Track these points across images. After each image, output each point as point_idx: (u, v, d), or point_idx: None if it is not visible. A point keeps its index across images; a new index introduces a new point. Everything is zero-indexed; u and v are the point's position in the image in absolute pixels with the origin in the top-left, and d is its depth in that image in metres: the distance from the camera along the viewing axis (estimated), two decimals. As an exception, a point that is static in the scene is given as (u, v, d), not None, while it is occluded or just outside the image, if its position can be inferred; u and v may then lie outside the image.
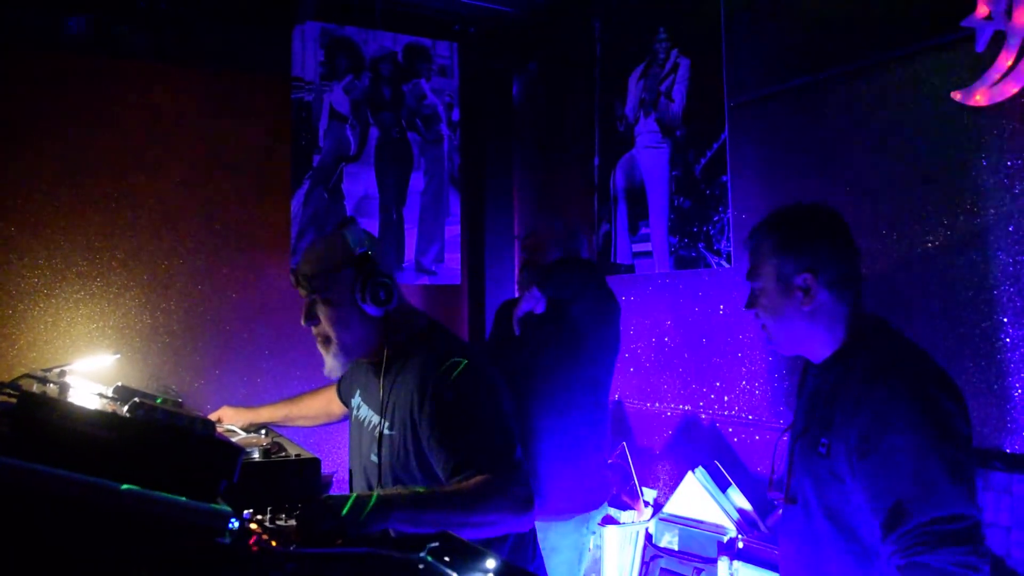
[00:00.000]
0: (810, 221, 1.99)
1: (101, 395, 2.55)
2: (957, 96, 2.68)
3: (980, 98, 2.64)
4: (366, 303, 2.13)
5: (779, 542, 2.15)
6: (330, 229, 2.26)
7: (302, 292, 2.18)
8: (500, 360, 2.49)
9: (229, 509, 1.42)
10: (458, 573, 1.27)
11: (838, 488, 1.83)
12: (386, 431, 2.18)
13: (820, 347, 1.97)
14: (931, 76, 2.87)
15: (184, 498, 1.38)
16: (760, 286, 2.00)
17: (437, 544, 1.35)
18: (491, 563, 1.29)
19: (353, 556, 1.41)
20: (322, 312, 2.15)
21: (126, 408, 1.93)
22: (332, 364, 2.23)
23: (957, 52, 2.73)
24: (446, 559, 1.32)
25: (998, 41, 2.58)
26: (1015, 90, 2.56)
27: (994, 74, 2.59)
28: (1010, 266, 2.64)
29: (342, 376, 2.77)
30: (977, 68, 2.63)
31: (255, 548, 1.44)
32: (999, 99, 2.60)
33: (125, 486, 1.31)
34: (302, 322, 2.19)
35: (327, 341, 2.20)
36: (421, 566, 1.30)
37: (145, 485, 1.36)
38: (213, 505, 1.41)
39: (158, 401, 2.26)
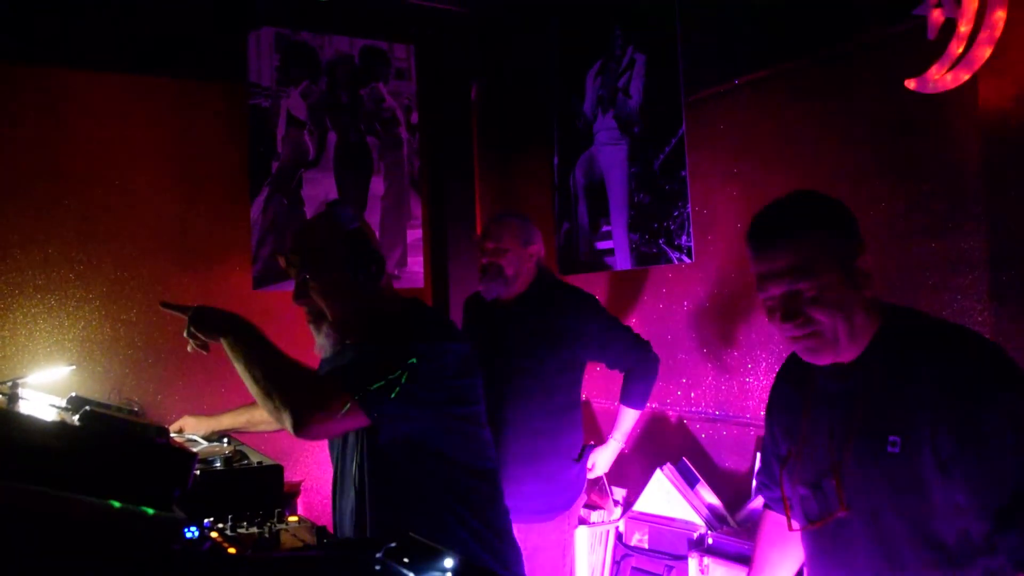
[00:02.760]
0: (834, 202, 1.73)
1: (54, 406, 2.51)
2: (911, 84, 2.70)
3: (933, 86, 2.65)
4: (359, 278, 2.13)
5: (818, 563, 1.85)
6: (320, 209, 2.30)
7: (292, 272, 2.18)
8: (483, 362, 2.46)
9: (183, 516, 1.39)
10: (416, 573, 1.25)
11: (918, 489, 1.60)
12: None
13: (857, 343, 1.70)
14: (885, 65, 2.89)
15: (137, 506, 1.35)
16: (822, 282, 1.65)
17: (395, 544, 1.33)
18: (449, 562, 1.27)
19: (310, 558, 1.39)
20: (314, 290, 2.15)
21: (76, 417, 1.90)
22: (323, 342, 2.22)
23: (910, 40, 2.75)
24: (404, 560, 1.30)
25: (949, 28, 2.60)
26: (966, 77, 2.58)
27: (946, 62, 2.61)
28: (975, 252, 2.66)
29: None
30: (929, 56, 2.65)
31: (210, 554, 1.41)
32: (951, 86, 2.62)
33: (73, 495, 1.28)
34: (293, 300, 2.19)
35: (319, 318, 2.19)
36: (378, 567, 1.28)
37: (97, 494, 1.33)
38: (166, 512, 1.39)
39: (112, 410, 2.22)
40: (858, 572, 1.73)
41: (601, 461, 3.45)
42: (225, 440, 2.87)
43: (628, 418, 3.42)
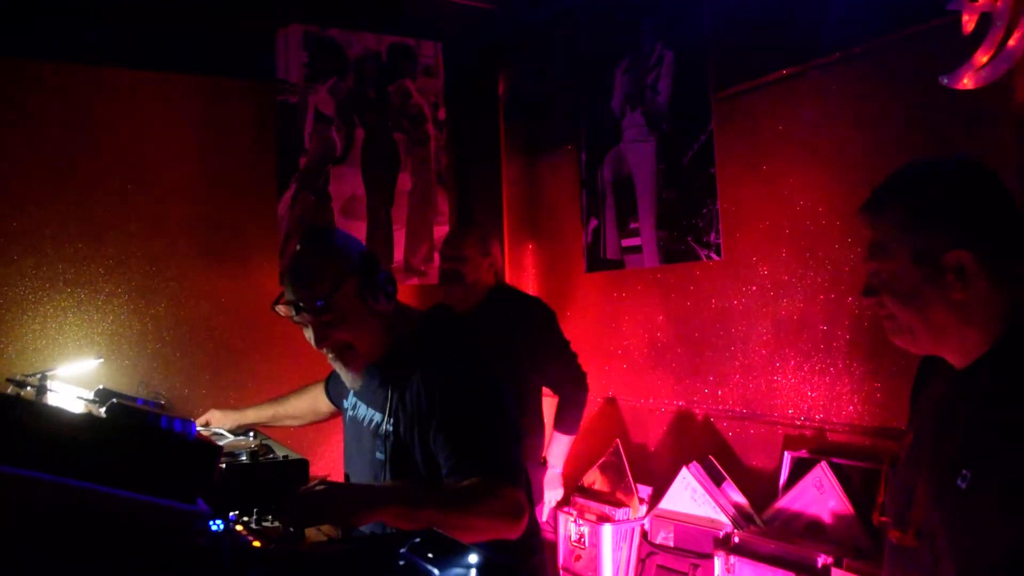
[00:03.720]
0: (957, 180, 1.52)
1: (81, 398, 2.53)
2: (944, 81, 2.66)
3: (967, 82, 2.61)
4: (378, 303, 2.08)
5: (887, 569, 1.68)
6: (307, 243, 2.14)
7: (301, 320, 2.07)
8: None
9: (208, 509, 1.40)
10: (439, 569, 1.24)
11: (979, 532, 1.41)
12: (390, 428, 2.13)
13: (965, 348, 1.51)
14: (918, 61, 2.85)
15: (162, 499, 1.36)
16: (891, 268, 1.52)
17: (419, 540, 1.33)
18: (473, 558, 1.27)
19: (334, 553, 1.39)
20: (335, 329, 2.07)
21: (103, 409, 1.91)
22: (355, 376, 2.15)
23: (944, 36, 2.71)
24: (428, 555, 1.30)
25: (984, 24, 2.56)
26: (1002, 72, 2.53)
27: (980, 57, 2.57)
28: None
29: (329, 375, 2.75)
30: (963, 52, 2.60)
31: (235, 548, 1.41)
32: (987, 82, 2.57)
33: (99, 488, 1.29)
34: (316, 346, 2.09)
35: (346, 355, 2.12)
36: (402, 562, 1.28)
37: (122, 486, 1.33)
38: (191, 505, 1.39)
39: (139, 403, 2.23)
40: None
41: (549, 493, 3.78)
42: (251, 434, 2.88)
43: (563, 444, 3.73)
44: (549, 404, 3.82)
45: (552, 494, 3.80)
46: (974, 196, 1.49)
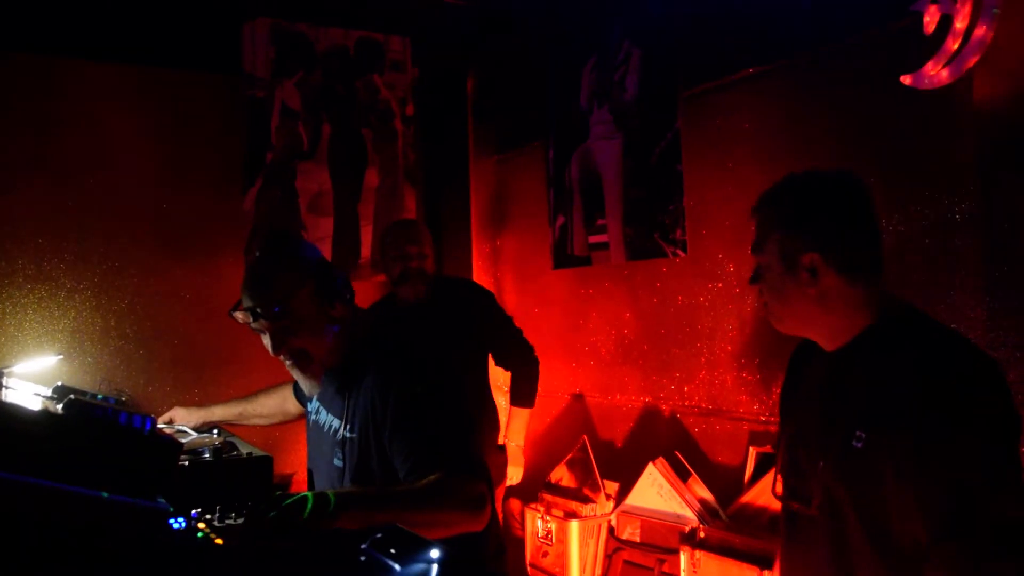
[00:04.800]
0: (822, 192, 1.77)
1: (39, 395, 2.50)
2: (907, 80, 2.69)
3: (928, 82, 2.64)
4: (335, 309, 2.08)
5: (788, 546, 1.89)
6: (264, 250, 2.18)
7: (259, 326, 2.07)
8: None
9: (168, 506, 1.38)
10: (401, 564, 1.24)
11: (877, 487, 1.60)
12: (348, 434, 2.13)
13: (833, 332, 1.75)
14: (882, 61, 2.88)
15: (120, 495, 1.34)
16: (764, 262, 1.77)
17: (380, 535, 1.32)
18: (435, 553, 1.26)
19: (296, 548, 1.38)
20: (292, 335, 2.06)
21: (60, 406, 1.88)
22: (312, 383, 2.16)
23: (906, 36, 2.74)
24: (390, 550, 1.29)
25: (945, 24, 2.59)
26: (962, 73, 2.57)
27: (942, 58, 2.60)
28: (969, 249, 2.65)
29: None
30: (925, 52, 2.64)
31: (195, 544, 1.40)
32: (947, 82, 2.61)
33: (54, 484, 1.27)
34: (273, 353, 2.09)
35: (304, 361, 2.11)
36: (363, 557, 1.27)
37: (79, 482, 1.31)
38: (150, 502, 1.37)
39: (99, 399, 2.20)
40: (816, 560, 1.75)
41: (512, 468, 3.84)
42: (215, 431, 2.86)
43: (521, 418, 3.81)
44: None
45: (514, 470, 3.87)
46: (833, 208, 1.73)
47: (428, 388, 2.04)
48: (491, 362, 3.87)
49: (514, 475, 3.87)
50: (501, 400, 4.00)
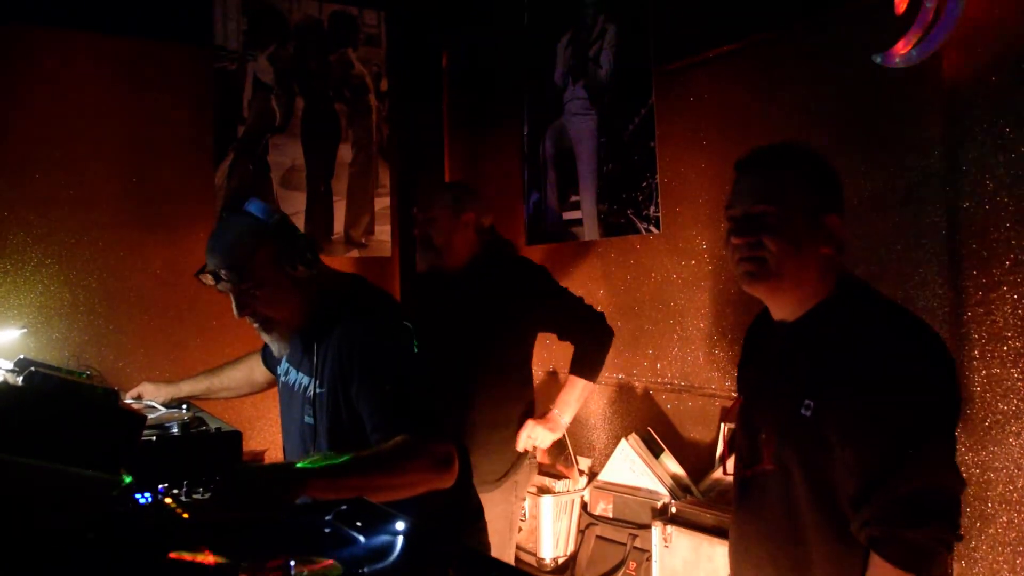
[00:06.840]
0: (818, 156, 1.84)
1: (0, 368, 2.47)
2: (877, 59, 2.69)
3: (899, 61, 2.65)
4: (296, 271, 2.10)
5: (738, 514, 1.95)
6: (225, 213, 2.21)
7: (223, 288, 2.11)
8: (430, 333, 2.44)
9: (129, 478, 1.37)
10: (365, 536, 1.23)
11: (824, 454, 1.67)
12: (318, 389, 2.16)
13: (800, 300, 1.78)
14: (853, 39, 2.88)
15: (81, 468, 1.33)
16: (781, 213, 1.73)
17: (345, 508, 1.31)
18: (400, 524, 1.26)
19: (260, 523, 1.37)
20: (255, 298, 2.10)
21: (20, 378, 1.86)
22: (281, 344, 2.20)
23: (878, 15, 2.74)
24: (355, 523, 1.28)
25: (916, 4, 2.60)
26: (931, 52, 2.58)
27: (912, 37, 2.61)
28: (936, 225, 2.67)
29: (266, 344, 2.71)
30: (896, 31, 2.64)
31: (158, 516, 1.39)
32: (917, 61, 2.62)
33: (14, 456, 1.25)
34: (237, 315, 2.12)
35: (268, 323, 2.15)
36: (328, 529, 1.27)
37: (40, 455, 1.30)
38: (112, 475, 1.36)
39: (62, 372, 2.18)
40: (766, 525, 1.81)
41: (538, 431, 3.21)
42: (184, 407, 2.84)
43: (576, 389, 3.24)
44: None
45: (543, 433, 3.22)
46: (830, 172, 1.81)
47: (391, 348, 2.07)
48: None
49: (540, 437, 3.23)
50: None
